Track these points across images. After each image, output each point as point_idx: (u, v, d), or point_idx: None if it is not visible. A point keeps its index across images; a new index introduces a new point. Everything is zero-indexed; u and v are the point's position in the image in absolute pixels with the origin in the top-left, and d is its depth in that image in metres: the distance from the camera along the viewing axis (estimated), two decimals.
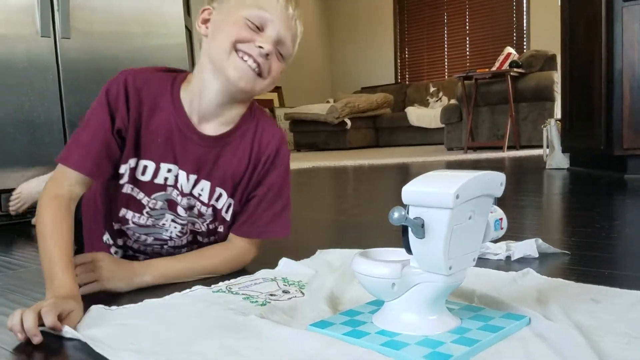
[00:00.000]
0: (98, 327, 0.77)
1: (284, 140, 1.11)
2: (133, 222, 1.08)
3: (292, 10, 0.99)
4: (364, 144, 7.41)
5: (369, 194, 2.64)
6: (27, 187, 1.89)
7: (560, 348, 0.63)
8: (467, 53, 7.75)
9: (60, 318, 0.75)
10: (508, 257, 1.10)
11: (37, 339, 0.72)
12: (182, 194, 1.06)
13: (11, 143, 1.94)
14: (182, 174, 1.05)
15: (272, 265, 1.08)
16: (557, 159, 3.08)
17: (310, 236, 1.56)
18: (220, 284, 0.98)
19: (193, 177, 1.06)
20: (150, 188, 1.06)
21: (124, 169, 1.03)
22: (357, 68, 8.67)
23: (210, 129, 1.05)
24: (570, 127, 2.97)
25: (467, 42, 7.73)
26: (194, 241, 1.14)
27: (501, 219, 0.74)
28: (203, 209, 1.09)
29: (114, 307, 0.86)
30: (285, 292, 0.92)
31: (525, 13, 7.13)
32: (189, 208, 1.08)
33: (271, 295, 0.90)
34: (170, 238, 1.11)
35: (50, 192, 0.96)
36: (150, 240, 1.12)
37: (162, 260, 1.04)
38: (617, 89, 2.48)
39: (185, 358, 0.66)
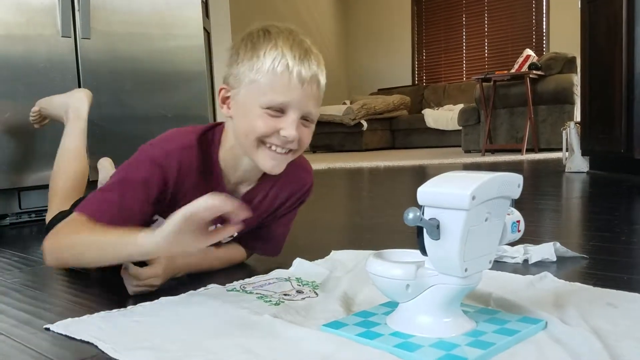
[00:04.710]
0: (106, 327, 0.78)
1: (311, 185, 1.15)
2: None
3: (308, 85, 0.92)
4: (380, 145, 7.39)
5: (384, 195, 2.63)
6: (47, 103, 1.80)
7: (577, 352, 0.62)
8: (486, 55, 7.68)
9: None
10: (525, 261, 1.08)
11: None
12: None
13: (32, 141, 1.97)
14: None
15: (286, 265, 1.08)
16: (576, 162, 3.04)
17: (324, 237, 1.55)
18: (235, 283, 0.98)
19: None
20: None
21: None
22: (374, 69, 8.64)
23: (244, 187, 1.07)
24: (590, 130, 2.93)
25: (486, 43, 7.67)
26: None
27: (518, 221, 0.73)
28: None
29: (130, 307, 0.86)
30: (299, 292, 0.92)
31: (544, 15, 7.05)
32: None
33: (285, 295, 0.90)
34: None
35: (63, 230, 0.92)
36: None
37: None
38: (638, 92, 2.44)
39: (198, 356, 0.66)
